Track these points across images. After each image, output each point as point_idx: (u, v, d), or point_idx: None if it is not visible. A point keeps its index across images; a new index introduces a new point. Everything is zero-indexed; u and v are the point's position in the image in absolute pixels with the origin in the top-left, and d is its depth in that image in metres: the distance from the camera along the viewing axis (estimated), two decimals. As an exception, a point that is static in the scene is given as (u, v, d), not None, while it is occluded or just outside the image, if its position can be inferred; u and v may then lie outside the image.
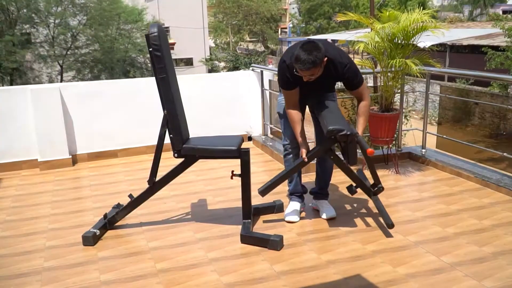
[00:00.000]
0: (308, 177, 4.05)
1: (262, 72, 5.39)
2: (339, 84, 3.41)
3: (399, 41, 3.99)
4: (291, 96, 3.11)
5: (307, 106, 3.35)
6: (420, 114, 19.11)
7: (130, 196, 3.28)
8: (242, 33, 40.05)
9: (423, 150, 4.69)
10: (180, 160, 3.14)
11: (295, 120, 3.11)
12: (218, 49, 38.33)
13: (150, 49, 2.84)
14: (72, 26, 19.45)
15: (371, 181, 3.27)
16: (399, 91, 4.53)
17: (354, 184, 3.25)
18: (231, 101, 5.51)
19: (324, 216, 3.35)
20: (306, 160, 3.04)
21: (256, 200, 3.63)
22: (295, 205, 3.40)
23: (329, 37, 34.95)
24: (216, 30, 40.92)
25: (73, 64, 20.00)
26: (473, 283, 2.48)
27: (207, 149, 3.02)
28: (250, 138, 5.58)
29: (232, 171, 3.15)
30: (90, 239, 3.04)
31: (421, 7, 4.22)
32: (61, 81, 19.68)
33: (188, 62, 31.55)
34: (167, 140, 3.04)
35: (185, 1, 30.23)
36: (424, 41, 4.25)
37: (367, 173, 3.33)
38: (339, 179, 4.18)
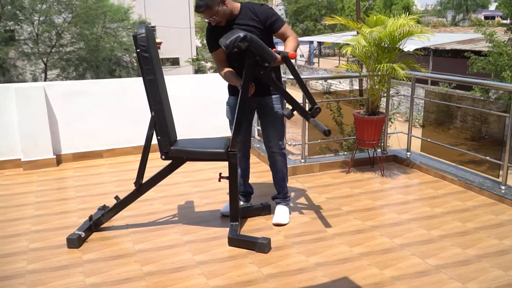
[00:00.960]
0: (291, 183, 4.06)
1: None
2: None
3: (386, 46, 4.03)
4: (219, 56, 3.19)
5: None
6: (404, 116, 19.34)
7: (116, 198, 3.25)
8: (229, 33, 39.96)
9: (408, 153, 4.74)
10: (166, 162, 3.12)
11: (231, 77, 3.15)
12: (205, 49, 38.18)
13: (138, 50, 2.82)
14: (57, 23, 19.20)
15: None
16: (385, 94, 4.57)
17: (290, 107, 3.11)
18: (217, 102, 5.43)
19: (273, 219, 3.34)
20: (239, 87, 2.98)
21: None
22: None
23: (315, 39, 35.15)
24: (203, 30, 40.74)
25: (58, 62, 19.72)
26: (457, 285, 2.52)
27: (195, 152, 3.01)
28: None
29: (220, 174, 3.14)
30: (75, 242, 3.00)
31: (406, 11, 4.26)
32: (45, 79, 19.39)
33: (175, 62, 31.37)
34: (153, 141, 3.02)
35: (171, 0, 30.10)
36: (408, 45, 4.29)
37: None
38: (325, 181, 4.21)
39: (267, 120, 3.29)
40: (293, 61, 3.06)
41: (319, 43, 35.85)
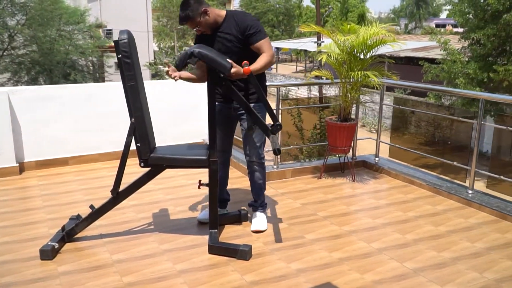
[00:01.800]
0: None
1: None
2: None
3: (358, 54, 4.11)
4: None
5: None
6: (361, 122, 19.84)
7: (91, 206, 3.15)
8: (187, 38, 39.68)
9: (377, 159, 4.86)
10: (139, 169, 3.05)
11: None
12: (162, 53, 37.77)
13: (119, 56, 2.76)
14: (10, 26, 18.45)
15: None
16: (355, 101, 4.66)
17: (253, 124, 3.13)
18: (186, 108, 5.44)
19: (251, 226, 3.35)
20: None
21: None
22: None
23: (273, 44, 35.49)
24: (160, 34, 40.33)
25: (9, 66, 18.94)
26: (437, 288, 2.60)
27: (176, 159, 2.97)
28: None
29: (200, 181, 3.11)
30: (49, 253, 2.89)
31: (361, 19, 4.38)
32: (-5, 83, 18.60)
33: (131, 66, 30.79)
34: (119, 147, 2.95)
35: (128, 3, 29.61)
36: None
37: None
38: (298, 187, 4.25)
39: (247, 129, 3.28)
40: None
41: (277, 49, 36.24)
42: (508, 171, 5.24)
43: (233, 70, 2.88)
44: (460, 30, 17.16)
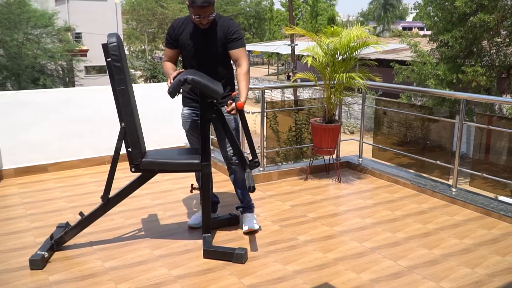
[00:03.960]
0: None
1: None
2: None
3: (341, 56, 4.17)
4: (168, 53, 3.28)
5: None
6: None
7: (81, 214, 3.08)
8: (157, 41, 39.35)
9: (360, 159, 4.92)
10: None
11: (169, 69, 3.22)
12: (133, 57, 37.30)
13: (109, 60, 2.71)
14: (-24, 30, 17.95)
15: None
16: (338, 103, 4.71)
17: (232, 153, 3.18)
18: (165, 112, 5.36)
19: (243, 228, 3.35)
20: (170, 79, 2.97)
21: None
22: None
23: (246, 47, 35.59)
24: (129, 38, 39.85)
25: (-26, 71, 18.42)
26: (432, 284, 2.65)
27: (168, 163, 2.93)
28: (189, 150, 5.48)
29: (192, 185, 3.09)
30: (39, 262, 2.80)
31: (331, 22, 4.46)
32: (-40, 88, 18.00)
33: (101, 69, 30.31)
34: (108, 152, 2.90)
35: (97, 6, 29.11)
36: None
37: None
38: (285, 189, 4.27)
39: (222, 131, 3.23)
40: None
41: (249, 52, 36.34)
42: (484, 168, 5.39)
43: (232, 112, 2.92)
44: (427, 32, 17.55)
